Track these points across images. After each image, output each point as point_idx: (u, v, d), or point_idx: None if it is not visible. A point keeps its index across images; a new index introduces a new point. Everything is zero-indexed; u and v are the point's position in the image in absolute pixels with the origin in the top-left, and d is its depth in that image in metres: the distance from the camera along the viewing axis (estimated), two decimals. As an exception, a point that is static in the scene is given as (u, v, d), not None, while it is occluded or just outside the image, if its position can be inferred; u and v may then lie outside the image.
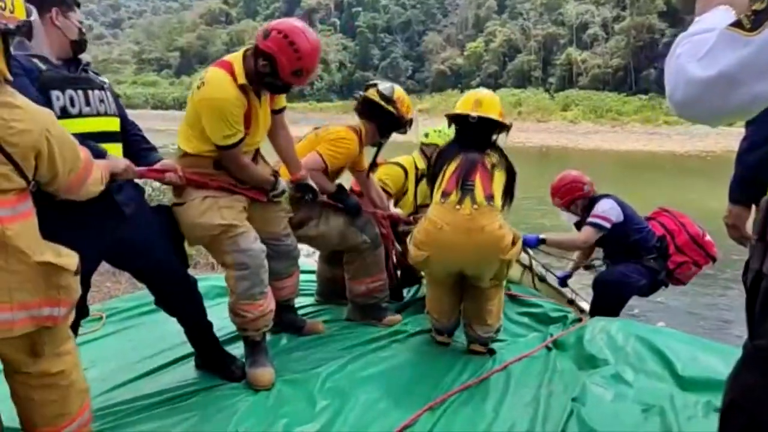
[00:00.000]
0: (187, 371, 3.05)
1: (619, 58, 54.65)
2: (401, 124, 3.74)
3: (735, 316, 5.99)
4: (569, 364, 3.22)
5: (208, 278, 4.41)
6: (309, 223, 3.56)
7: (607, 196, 4.37)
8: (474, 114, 3.19)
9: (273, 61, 2.75)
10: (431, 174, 3.34)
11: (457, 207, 3.07)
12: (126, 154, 2.60)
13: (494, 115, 3.22)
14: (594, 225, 4.18)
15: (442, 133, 4.30)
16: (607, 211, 4.20)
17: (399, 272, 4.26)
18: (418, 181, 4.40)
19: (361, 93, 3.75)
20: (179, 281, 2.85)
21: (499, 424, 2.61)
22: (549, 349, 3.40)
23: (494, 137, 3.30)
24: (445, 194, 3.13)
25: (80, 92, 2.35)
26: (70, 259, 1.99)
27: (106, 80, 2.54)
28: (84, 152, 2.08)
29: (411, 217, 4.15)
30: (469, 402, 2.78)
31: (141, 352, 3.23)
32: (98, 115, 2.42)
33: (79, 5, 2.47)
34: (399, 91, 3.74)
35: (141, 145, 2.75)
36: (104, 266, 5.32)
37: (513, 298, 4.20)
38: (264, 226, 3.07)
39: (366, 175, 3.94)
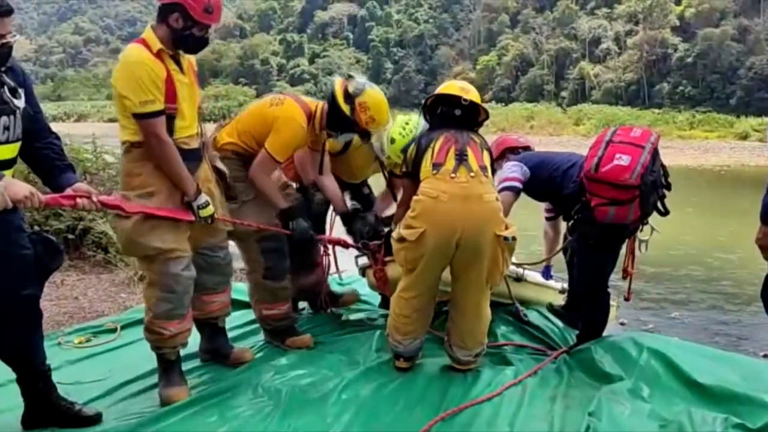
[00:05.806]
0: (201, 381, 3.06)
1: (632, 72, 54.57)
2: (354, 129, 3.38)
3: (750, 332, 5.92)
4: (584, 379, 3.18)
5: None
6: (233, 201, 3.29)
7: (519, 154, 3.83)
8: (466, 97, 3.14)
9: (181, 8, 2.70)
10: (414, 159, 3.12)
11: (453, 175, 2.97)
12: (36, 171, 2.49)
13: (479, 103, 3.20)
14: (503, 189, 3.50)
15: (408, 128, 3.54)
16: (509, 172, 3.62)
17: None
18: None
19: (335, 78, 3.41)
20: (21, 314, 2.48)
21: (515, 438, 2.59)
22: (564, 362, 3.37)
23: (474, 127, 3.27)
24: (437, 165, 3.00)
25: None
26: None
27: (21, 104, 2.35)
28: None
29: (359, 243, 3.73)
30: (483, 415, 2.76)
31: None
32: None
33: (9, 13, 2.24)
34: (370, 97, 3.30)
35: (54, 163, 2.54)
36: (119, 277, 5.44)
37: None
38: (201, 235, 3.00)
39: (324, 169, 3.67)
